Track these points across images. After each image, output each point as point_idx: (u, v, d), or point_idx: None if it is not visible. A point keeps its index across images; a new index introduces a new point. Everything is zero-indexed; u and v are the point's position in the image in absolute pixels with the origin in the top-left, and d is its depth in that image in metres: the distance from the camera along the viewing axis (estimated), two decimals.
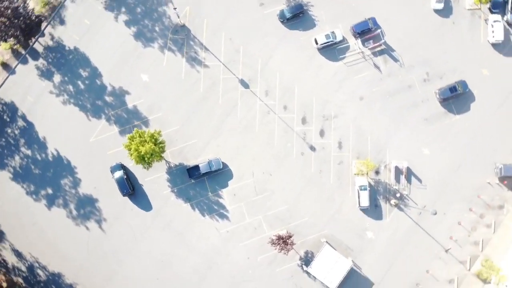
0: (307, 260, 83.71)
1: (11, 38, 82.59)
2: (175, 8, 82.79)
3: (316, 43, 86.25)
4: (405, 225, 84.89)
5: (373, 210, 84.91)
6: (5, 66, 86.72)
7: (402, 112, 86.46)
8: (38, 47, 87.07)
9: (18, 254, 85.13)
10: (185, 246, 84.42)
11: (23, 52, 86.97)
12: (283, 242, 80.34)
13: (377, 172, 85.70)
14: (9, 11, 79.75)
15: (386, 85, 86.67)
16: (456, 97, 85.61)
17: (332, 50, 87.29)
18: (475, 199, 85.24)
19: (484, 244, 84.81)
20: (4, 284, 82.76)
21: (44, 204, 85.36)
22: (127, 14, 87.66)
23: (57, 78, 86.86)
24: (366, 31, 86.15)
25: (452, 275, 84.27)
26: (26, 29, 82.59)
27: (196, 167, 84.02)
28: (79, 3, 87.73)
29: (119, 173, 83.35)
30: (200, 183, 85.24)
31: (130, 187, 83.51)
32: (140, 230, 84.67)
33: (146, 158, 78.45)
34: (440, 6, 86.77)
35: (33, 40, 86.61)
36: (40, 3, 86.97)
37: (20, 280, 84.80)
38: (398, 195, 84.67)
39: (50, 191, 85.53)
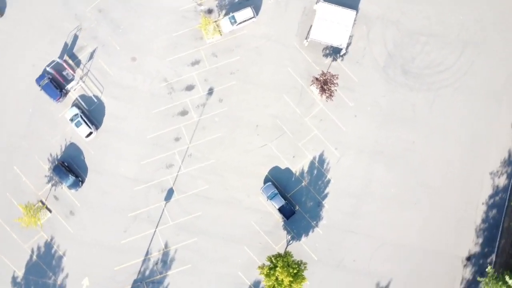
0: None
1: None
2: None
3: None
4: None
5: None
6: None
7: None
8: None
9: None
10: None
11: None
12: (324, 84, 67.11)
13: (209, 11, 71.70)
14: None
15: None
16: None
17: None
18: None
19: None
20: None
21: None
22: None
23: None
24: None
25: None
26: None
27: (282, 210, 67.67)
28: None
29: None
30: (298, 201, 69.01)
31: None
32: None
33: (299, 272, 62.80)
34: None
35: None
36: None
37: None
38: None
39: None
